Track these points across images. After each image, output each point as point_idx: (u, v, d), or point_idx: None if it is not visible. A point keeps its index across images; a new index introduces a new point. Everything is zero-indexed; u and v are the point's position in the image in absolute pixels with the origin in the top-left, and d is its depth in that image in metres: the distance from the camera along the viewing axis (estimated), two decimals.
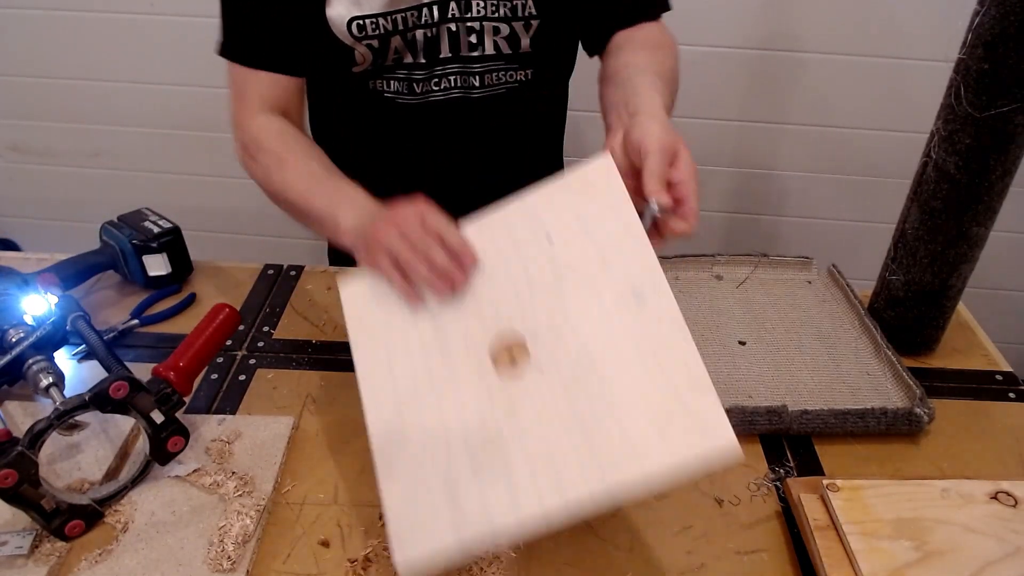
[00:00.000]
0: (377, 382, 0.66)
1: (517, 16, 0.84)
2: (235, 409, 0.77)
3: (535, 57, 0.89)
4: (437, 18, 0.83)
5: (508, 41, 0.87)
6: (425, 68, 0.87)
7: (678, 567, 0.63)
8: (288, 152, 0.80)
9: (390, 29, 0.83)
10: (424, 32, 0.84)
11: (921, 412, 0.74)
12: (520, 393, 0.60)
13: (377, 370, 0.66)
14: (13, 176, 1.91)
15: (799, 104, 1.62)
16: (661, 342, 0.58)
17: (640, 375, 0.57)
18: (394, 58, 0.86)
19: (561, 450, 0.56)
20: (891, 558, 0.59)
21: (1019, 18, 0.66)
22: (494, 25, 0.85)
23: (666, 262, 0.97)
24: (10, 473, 0.58)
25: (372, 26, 0.82)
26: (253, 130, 0.82)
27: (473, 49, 0.87)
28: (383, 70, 0.87)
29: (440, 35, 0.85)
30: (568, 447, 0.56)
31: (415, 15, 0.82)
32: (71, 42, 1.67)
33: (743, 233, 1.83)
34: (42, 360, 0.73)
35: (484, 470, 0.58)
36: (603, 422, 0.56)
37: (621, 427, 0.56)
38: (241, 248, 1.96)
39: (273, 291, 0.95)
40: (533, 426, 0.59)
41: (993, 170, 0.74)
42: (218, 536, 0.63)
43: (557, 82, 0.98)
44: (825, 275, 0.98)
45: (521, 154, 0.98)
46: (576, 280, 0.63)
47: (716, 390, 0.58)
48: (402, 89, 0.89)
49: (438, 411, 0.62)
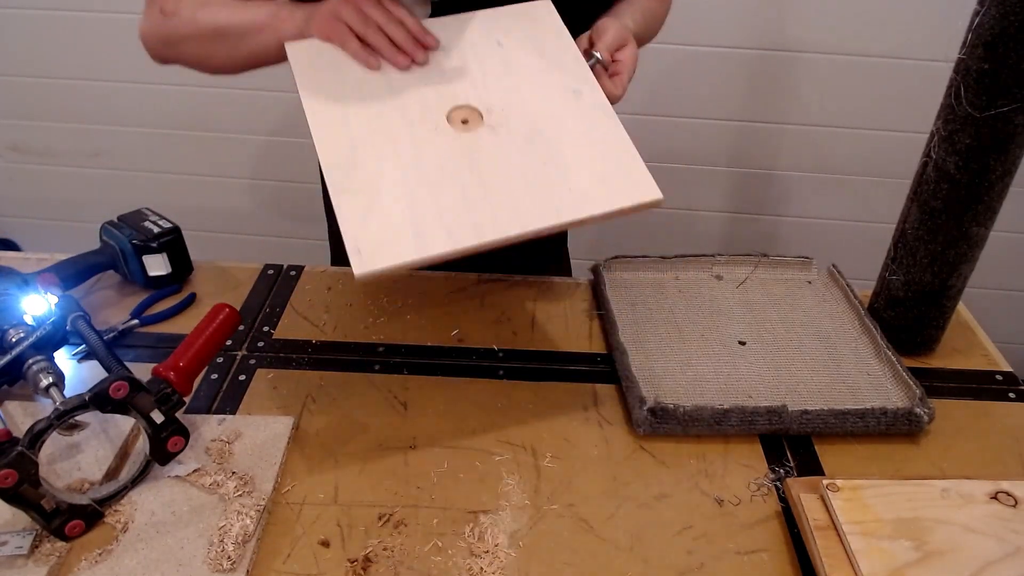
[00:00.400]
0: (331, 132, 0.69)
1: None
2: (235, 409, 0.77)
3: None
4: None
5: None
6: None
7: (678, 567, 0.63)
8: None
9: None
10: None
11: (921, 412, 0.74)
12: (476, 144, 0.69)
13: (332, 123, 0.70)
14: (13, 176, 1.91)
15: (799, 104, 1.62)
16: (596, 123, 0.72)
17: (581, 144, 0.70)
18: None
19: (518, 191, 0.66)
20: (891, 558, 0.59)
21: (1019, 18, 0.66)
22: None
23: (666, 262, 0.97)
24: (10, 473, 0.58)
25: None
26: None
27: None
28: None
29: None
30: (523, 189, 0.66)
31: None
32: (71, 42, 1.67)
33: (743, 233, 1.83)
34: (42, 360, 0.72)
35: (445, 198, 0.65)
36: (552, 174, 0.68)
37: (568, 179, 0.68)
38: (241, 248, 1.96)
39: (273, 291, 0.95)
40: (490, 171, 0.68)
41: (993, 170, 0.74)
42: (218, 536, 0.63)
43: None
44: (825, 275, 0.98)
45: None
46: (523, 75, 0.75)
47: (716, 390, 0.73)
48: None
49: (395, 154, 0.68)
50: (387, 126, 0.69)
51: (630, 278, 0.96)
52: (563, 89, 0.74)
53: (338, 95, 0.71)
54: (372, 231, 0.62)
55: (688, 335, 0.87)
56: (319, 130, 0.69)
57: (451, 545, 0.64)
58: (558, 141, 0.70)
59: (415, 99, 0.72)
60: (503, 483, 0.70)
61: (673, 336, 0.87)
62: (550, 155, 0.69)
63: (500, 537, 0.65)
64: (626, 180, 0.68)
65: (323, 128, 0.69)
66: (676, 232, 1.82)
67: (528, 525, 0.66)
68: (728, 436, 0.75)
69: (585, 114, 0.72)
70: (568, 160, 0.69)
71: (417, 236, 0.62)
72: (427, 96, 0.72)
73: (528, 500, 0.68)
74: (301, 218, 1.90)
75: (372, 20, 0.73)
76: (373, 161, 0.67)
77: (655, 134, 1.66)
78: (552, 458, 0.73)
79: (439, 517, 0.66)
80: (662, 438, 0.75)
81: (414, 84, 0.73)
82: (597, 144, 0.70)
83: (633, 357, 0.81)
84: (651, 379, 0.80)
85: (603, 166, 0.69)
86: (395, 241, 0.62)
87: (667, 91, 1.63)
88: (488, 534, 0.65)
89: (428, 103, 0.71)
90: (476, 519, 0.66)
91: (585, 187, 0.67)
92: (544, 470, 0.71)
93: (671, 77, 1.61)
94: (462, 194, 0.65)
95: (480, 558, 0.63)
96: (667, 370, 0.82)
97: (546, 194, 0.66)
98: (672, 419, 0.73)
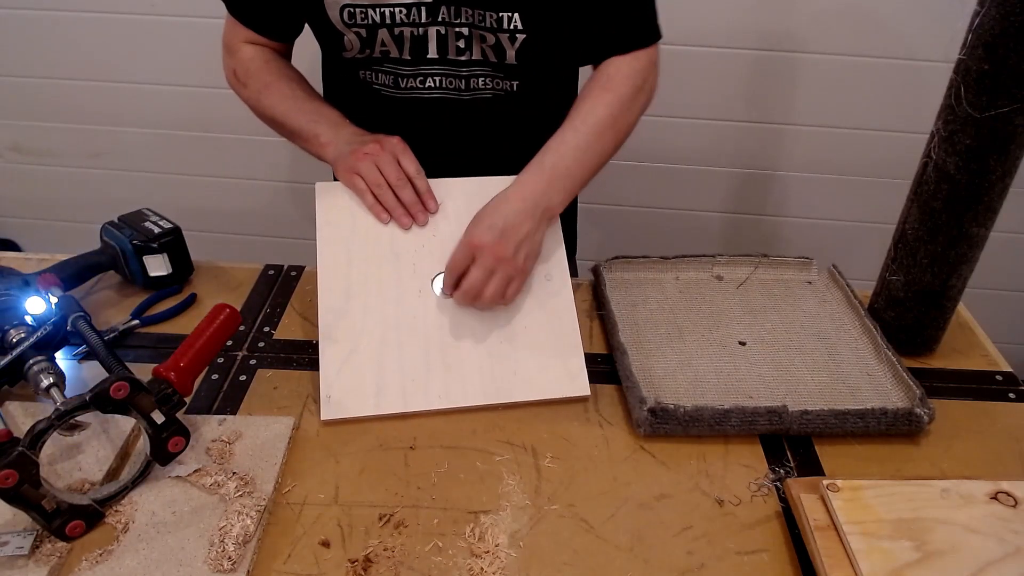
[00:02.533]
0: (334, 273, 0.82)
1: (503, 29, 0.84)
2: (236, 409, 0.77)
3: (521, 69, 0.89)
4: (426, 19, 0.84)
5: (494, 50, 0.87)
6: (411, 65, 0.88)
7: (678, 567, 0.63)
8: (274, 78, 0.91)
9: (378, 21, 0.84)
10: (412, 31, 0.85)
11: (921, 412, 0.74)
12: (449, 314, 0.81)
13: (337, 265, 0.82)
14: (14, 176, 1.91)
15: (799, 104, 1.62)
16: (557, 313, 0.83)
17: (538, 331, 0.82)
18: (381, 50, 0.87)
19: (470, 370, 0.79)
20: (891, 558, 0.59)
21: (1019, 18, 0.66)
22: (481, 33, 0.85)
23: (667, 262, 0.97)
24: (11, 473, 0.58)
25: (361, 15, 0.83)
26: (243, 57, 0.92)
27: (460, 54, 0.87)
28: (371, 61, 0.89)
29: (428, 36, 0.85)
30: (476, 369, 0.79)
31: (403, 12, 0.83)
32: (71, 42, 1.67)
33: (743, 233, 1.83)
34: (43, 360, 0.73)
35: (409, 364, 0.78)
36: (506, 356, 0.80)
37: (517, 365, 0.80)
38: (241, 248, 1.96)
39: (274, 291, 0.95)
40: (451, 342, 0.80)
41: (993, 170, 0.74)
42: (219, 536, 0.63)
43: (548, 93, 0.96)
44: (825, 275, 0.98)
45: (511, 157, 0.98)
46: None
47: (716, 390, 0.80)
48: (388, 82, 0.91)
49: (380, 303, 0.81)
50: (380, 282, 0.82)
51: (630, 278, 0.96)
52: (539, 276, 0.84)
53: (348, 241, 0.83)
54: (343, 383, 0.77)
55: (688, 335, 0.87)
56: (324, 272, 0.82)
57: (451, 545, 0.64)
58: (521, 323, 0.82)
59: (409, 260, 0.83)
60: (503, 483, 0.70)
61: (673, 336, 0.87)
62: (509, 335, 0.81)
63: (500, 537, 0.65)
64: (564, 375, 0.79)
65: (328, 270, 0.82)
66: (676, 232, 1.82)
67: (528, 525, 0.66)
68: (728, 436, 0.75)
69: (550, 300, 0.83)
70: (522, 343, 0.81)
71: (377, 395, 0.77)
72: (421, 259, 0.83)
73: (528, 500, 0.68)
74: (301, 218, 1.90)
75: (385, 180, 0.83)
76: (360, 313, 0.80)
77: (655, 134, 1.66)
78: (552, 458, 0.73)
79: (439, 517, 0.66)
80: (662, 438, 0.75)
81: (413, 246, 0.84)
82: (551, 335, 0.82)
83: (633, 357, 0.81)
84: (651, 379, 0.81)
85: (550, 358, 0.80)
86: (359, 396, 0.76)
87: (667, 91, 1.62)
88: (488, 534, 0.65)
89: (420, 266, 0.83)
90: (476, 519, 0.66)
91: (530, 375, 0.79)
92: (544, 470, 0.71)
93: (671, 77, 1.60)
94: (424, 364, 0.78)
95: (480, 558, 0.63)
96: (667, 370, 0.82)
97: (493, 376, 0.79)
98: (672, 419, 0.73)
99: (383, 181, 0.83)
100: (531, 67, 0.89)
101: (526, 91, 0.92)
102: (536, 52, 0.87)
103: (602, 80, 0.86)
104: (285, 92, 0.90)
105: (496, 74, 0.89)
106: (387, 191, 0.83)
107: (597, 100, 0.85)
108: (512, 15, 0.83)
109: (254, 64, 0.91)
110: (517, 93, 0.91)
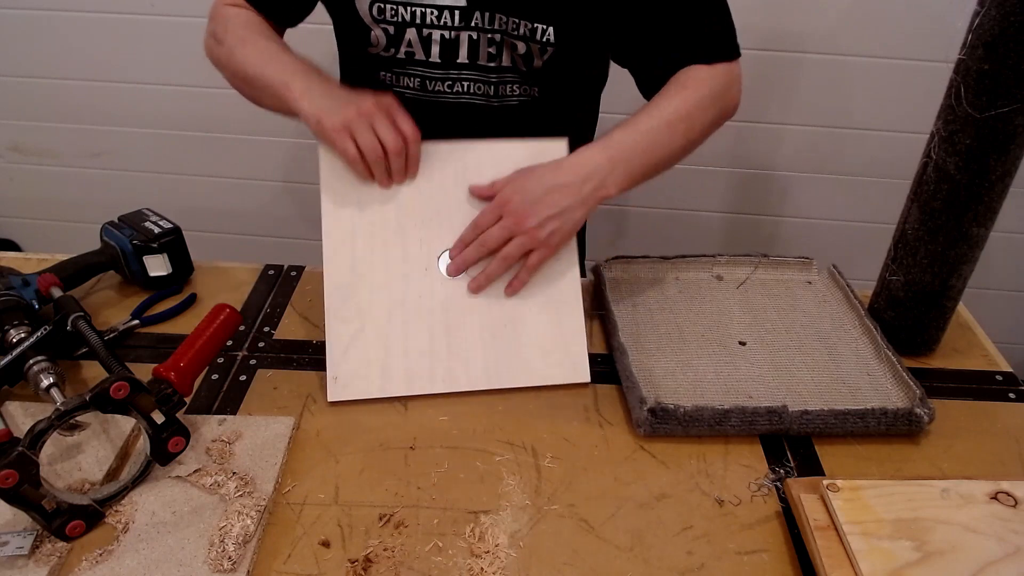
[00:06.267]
0: (340, 245, 0.80)
1: (535, 39, 0.84)
2: (236, 409, 0.77)
3: (545, 76, 0.89)
4: (458, 23, 0.83)
5: (523, 59, 0.87)
6: (441, 69, 0.87)
7: (678, 567, 0.63)
8: (251, 34, 0.85)
9: (407, 19, 0.83)
10: (443, 33, 0.84)
11: (921, 412, 0.74)
12: (456, 294, 0.80)
13: (342, 237, 0.80)
14: (14, 176, 1.91)
15: (799, 104, 1.62)
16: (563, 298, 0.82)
17: (541, 312, 0.81)
18: (407, 51, 0.86)
19: (474, 353, 0.79)
20: (891, 558, 0.59)
21: (1019, 18, 0.66)
22: (512, 41, 0.85)
23: (666, 262, 0.97)
24: (11, 473, 0.58)
25: (391, 11, 0.82)
26: (224, 16, 0.87)
27: (491, 60, 0.87)
28: (394, 62, 0.88)
29: (459, 41, 0.85)
30: (479, 352, 0.79)
31: (435, 14, 0.82)
32: (71, 42, 1.67)
33: (743, 233, 1.83)
34: (43, 360, 0.73)
35: (414, 345, 0.78)
36: (509, 339, 0.80)
37: (520, 351, 0.80)
38: (242, 248, 1.96)
39: (274, 291, 0.95)
40: (456, 323, 0.79)
41: (993, 170, 0.74)
42: (219, 536, 0.63)
43: (570, 103, 0.96)
44: (825, 275, 0.98)
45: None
46: None
47: (716, 390, 0.79)
48: (414, 85, 0.89)
49: (386, 279, 0.80)
50: (386, 256, 0.80)
51: (630, 278, 0.96)
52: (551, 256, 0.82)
53: (352, 213, 0.80)
54: (350, 365, 0.77)
55: (688, 335, 0.87)
56: (329, 243, 0.80)
57: (451, 545, 0.64)
58: (525, 305, 0.81)
59: (416, 236, 0.81)
60: (503, 483, 0.70)
61: (673, 336, 0.87)
62: (513, 318, 0.80)
63: (500, 537, 0.65)
64: (566, 360, 0.80)
65: (333, 240, 0.80)
66: (676, 232, 1.82)
67: (528, 525, 0.66)
68: (728, 436, 0.75)
69: (555, 283, 0.82)
70: (526, 329, 0.80)
71: (382, 377, 0.77)
72: (428, 235, 0.81)
73: (528, 500, 0.68)
74: (301, 218, 1.90)
75: (379, 147, 0.76)
76: (367, 290, 0.79)
77: None
78: (552, 458, 0.73)
79: (439, 517, 0.66)
80: (662, 438, 0.75)
81: (420, 220, 0.81)
82: (555, 319, 0.81)
83: (633, 357, 0.81)
84: (651, 379, 0.81)
85: (553, 343, 0.80)
86: (365, 377, 0.77)
87: None
88: (488, 534, 0.65)
89: (427, 242, 0.81)
90: (476, 519, 0.66)
91: (531, 360, 0.79)
92: (544, 470, 0.71)
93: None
94: (429, 345, 0.78)
95: (481, 558, 0.63)
96: (667, 370, 0.82)
97: (496, 360, 0.79)
98: (672, 419, 0.73)
99: (380, 151, 0.77)
100: (555, 75, 0.89)
101: (547, 97, 0.92)
102: (563, 63, 0.87)
103: (681, 80, 0.84)
104: (260, 46, 0.84)
105: (522, 81, 0.89)
106: (382, 165, 0.78)
107: (673, 95, 0.82)
108: (547, 28, 0.82)
109: (233, 22, 0.86)
110: (540, 99, 0.91)
